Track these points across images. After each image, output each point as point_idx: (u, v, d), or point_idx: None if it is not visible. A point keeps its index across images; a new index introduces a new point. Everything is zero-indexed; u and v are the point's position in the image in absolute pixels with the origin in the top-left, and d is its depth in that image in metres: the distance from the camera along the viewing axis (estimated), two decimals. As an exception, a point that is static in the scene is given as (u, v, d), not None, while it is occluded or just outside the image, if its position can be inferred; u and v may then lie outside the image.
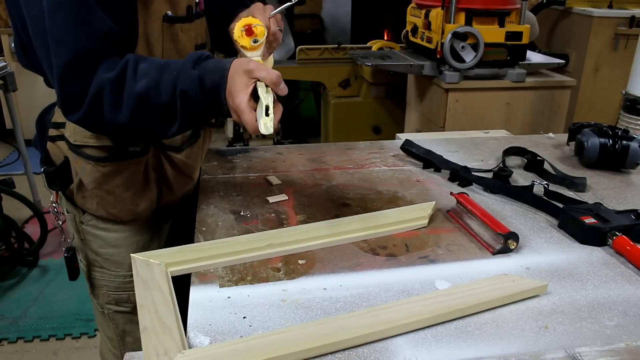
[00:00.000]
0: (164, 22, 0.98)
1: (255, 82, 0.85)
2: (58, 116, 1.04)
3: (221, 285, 0.84)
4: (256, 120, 0.83)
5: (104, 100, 0.86)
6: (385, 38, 4.02)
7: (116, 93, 0.86)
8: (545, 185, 1.15)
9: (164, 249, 0.91)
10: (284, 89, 0.86)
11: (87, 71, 0.85)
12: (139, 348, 0.69)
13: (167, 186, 1.12)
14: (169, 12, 0.99)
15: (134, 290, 0.85)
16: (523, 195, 1.13)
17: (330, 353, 0.69)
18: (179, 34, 1.02)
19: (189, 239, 0.98)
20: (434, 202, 1.07)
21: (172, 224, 1.20)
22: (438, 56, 2.34)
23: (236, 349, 0.67)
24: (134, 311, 1.14)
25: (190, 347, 0.70)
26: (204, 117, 0.92)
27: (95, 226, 1.10)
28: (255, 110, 0.85)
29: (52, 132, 1.06)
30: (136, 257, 0.87)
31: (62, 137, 1.04)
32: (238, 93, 0.84)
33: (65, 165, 1.05)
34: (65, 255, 1.17)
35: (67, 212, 1.14)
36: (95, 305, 1.19)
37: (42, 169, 1.08)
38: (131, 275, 1.06)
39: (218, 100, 0.87)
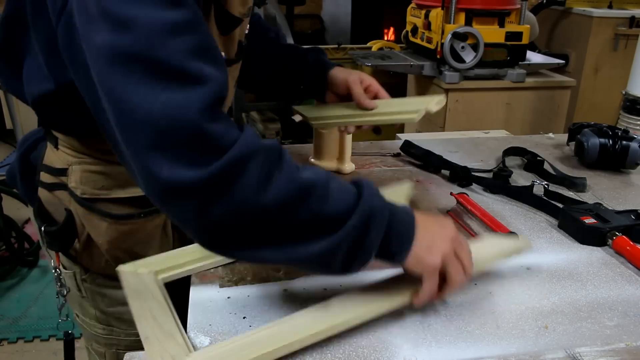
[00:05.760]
0: None
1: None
2: (54, 159, 0.85)
3: (221, 285, 0.84)
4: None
5: (250, 168, 0.59)
6: (386, 38, 4.02)
7: (268, 167, 0.61)
8: (545, 186, 1.15)
9: (150, 257, 0.85)
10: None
11: (223, 112, 0.62)
12: None
13: (180, 235, 0.98)
14: (224, 55, 0.83)
15: None
16: (523, 195, 1.13)
17: (332, 338, 0.69)
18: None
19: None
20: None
21: None
22: (438, 56, 2.34)
23: (243, 344, 0.67)
24: None
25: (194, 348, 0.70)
26: (364, 258, 0.67)
27: (101, 285, 0.95)
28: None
29: (46, 177, 0.87)
30: (123, 269, 0.82)
31: (62, 186, 0.85)
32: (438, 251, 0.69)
33: (69, 221, 0.86)
34: (65, 339, 1.00)
35: (65, 268, 0.95)
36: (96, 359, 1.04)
37: (42, 228, 0.88)
38: None
39: (398, 244, 0.68)
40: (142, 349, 0.92)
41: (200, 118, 0.57)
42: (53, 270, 0.94)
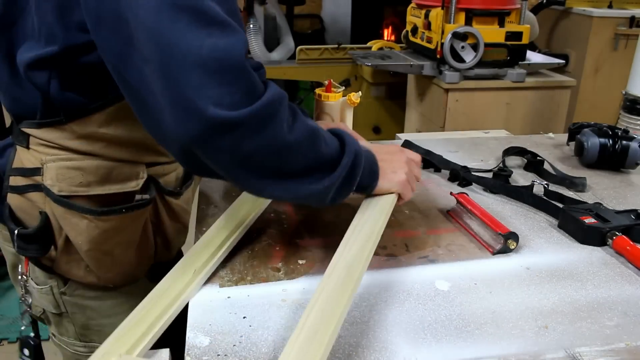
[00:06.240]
0: None
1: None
2: (26, 160, 0.83)
3: (221, 285, 0.84)
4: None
5: (281, 110, 0.69)
6: (386, 38, 4.02)
7: (291, 111, 0.72)
8: (545, 185, 1.15)
9: (106, 342, 0.68)
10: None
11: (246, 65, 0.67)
12: None
13: (163, 240, 0.96)
14: None
15: None
16: (523, 195, 1.13)
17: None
18: None
19: None
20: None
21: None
22: (438, 56, 2.34)
23: None
24: None
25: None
26: (348, 192, 0.82)
27: (82, 296, 0.91)
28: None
29: (16, 180, 0.83)
30: None
31: (36, 187, 0.82)
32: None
33: (46, 223, 0.83)
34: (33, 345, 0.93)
35: (38, 285, 0.91)
36: None
37: (16, 232, 0.83)
38: None
39: (369, 178, 0.86)
40: None
41: (244, 61, 0.65)
42: (20, 277, 0.89)
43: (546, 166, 1.28)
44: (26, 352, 0.91)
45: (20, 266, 0.88)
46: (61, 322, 0.94)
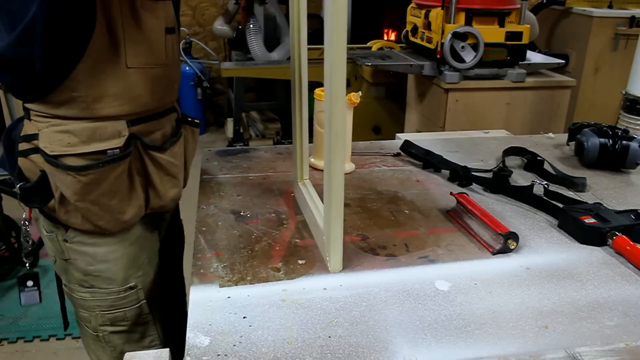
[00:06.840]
0: None
1: None
2: (28, 128, 0.98)
3: (221, 285, 0.84)
4: None
5: None
6: (386, 38, 4.02)
7: None
8: (545, 185, 1.15)
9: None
10: None
11: None
12: None
13: (153, 190, 1.05)
14: None
15: (129, 306, 0.89)
16: (523, 195, 1.13)
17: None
18: (142, 15, 0.94)
19: (180, 250, 0.96)
20: None
21: (162, 233, 1.15)
22: (438, 56, 2.34)
23: None
24: (131, 329, 1.07)
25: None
26: None
27: (81, 242, 1.02)
28: None
29: (23, 146, 0.98)
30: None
31: (35, 150, 0.96)
32: None
33: (44, 179, 0.97)
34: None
35: (47, 232, 1.05)
36: (86, 329, 1.10)
37: (18, 186, 0.99)
38: (125, 290, 1.03)
39: None
40: (121, 306, 1.04)
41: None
42: (22, 223, 1.08)
43: (546, 166, 1.28)
44: (29, 283, 1.05)
45: (24, 214, 1.06)
46: (68, 270, 1.06)
